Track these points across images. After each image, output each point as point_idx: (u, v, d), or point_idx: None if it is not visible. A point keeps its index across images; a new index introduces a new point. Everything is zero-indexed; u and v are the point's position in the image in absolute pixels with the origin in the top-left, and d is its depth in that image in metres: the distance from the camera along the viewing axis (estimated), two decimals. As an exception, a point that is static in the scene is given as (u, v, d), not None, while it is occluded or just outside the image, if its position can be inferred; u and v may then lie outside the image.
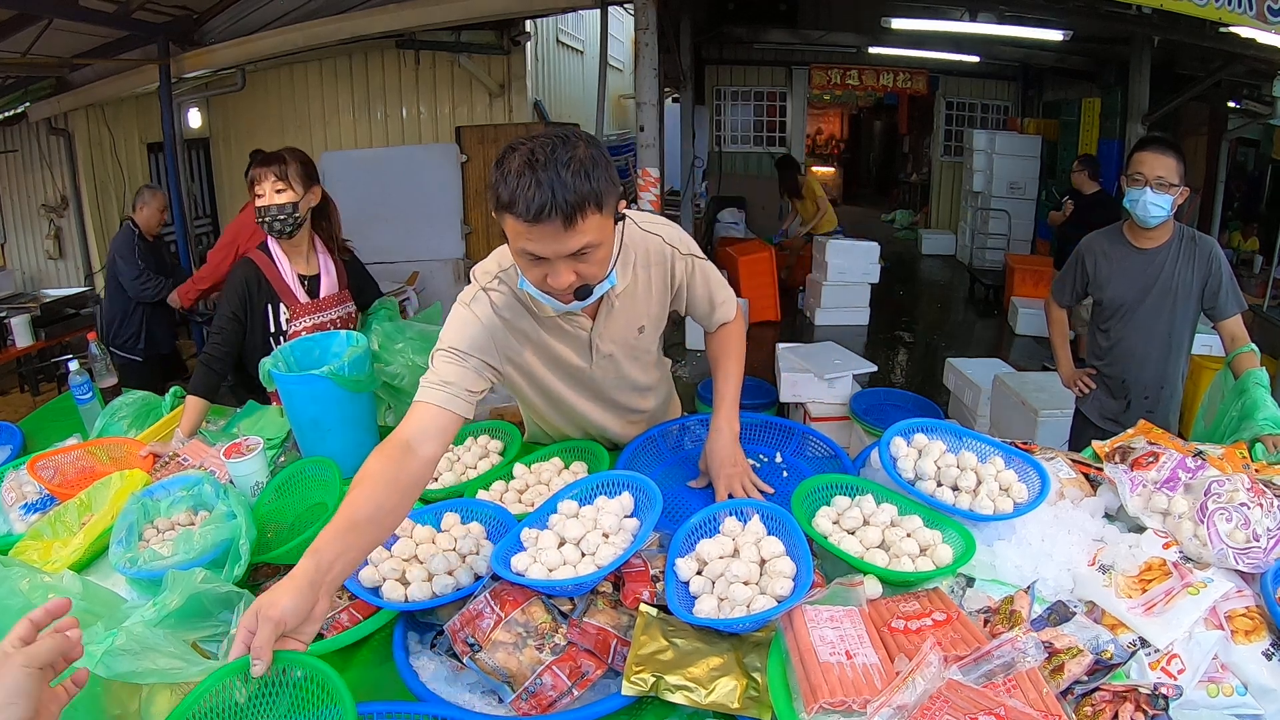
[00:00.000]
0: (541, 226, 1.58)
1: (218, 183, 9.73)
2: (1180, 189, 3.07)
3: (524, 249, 1.65)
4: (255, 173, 2.85)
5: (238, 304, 2.88)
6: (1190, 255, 3.20)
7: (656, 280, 2.08)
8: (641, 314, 2.10)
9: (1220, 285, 3.19)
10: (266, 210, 2.83)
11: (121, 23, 6.46)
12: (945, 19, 8.15)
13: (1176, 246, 3.22)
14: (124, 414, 2.68)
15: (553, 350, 2.06)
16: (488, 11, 6.82)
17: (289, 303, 2.93)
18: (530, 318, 1.99)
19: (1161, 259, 3.23)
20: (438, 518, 1.92)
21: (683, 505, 2.08)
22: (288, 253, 2.97)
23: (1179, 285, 3.22)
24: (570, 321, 2.01)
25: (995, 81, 13.07)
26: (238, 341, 2.89)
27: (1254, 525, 1.67)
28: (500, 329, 1.95)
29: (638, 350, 2.19)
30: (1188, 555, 1.67)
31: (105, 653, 1.28)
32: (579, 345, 2.07)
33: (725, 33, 11.61)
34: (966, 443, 2.07)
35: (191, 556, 1.75)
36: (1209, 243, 3.23)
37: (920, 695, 1.27)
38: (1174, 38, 6.87)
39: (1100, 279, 3.40)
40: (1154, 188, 3.05)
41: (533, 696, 1.42)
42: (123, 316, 5.63)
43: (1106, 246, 3.37)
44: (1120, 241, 3.34)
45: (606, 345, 2.09)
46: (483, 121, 8.38)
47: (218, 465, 2.34)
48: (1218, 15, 4.93)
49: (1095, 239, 3.44)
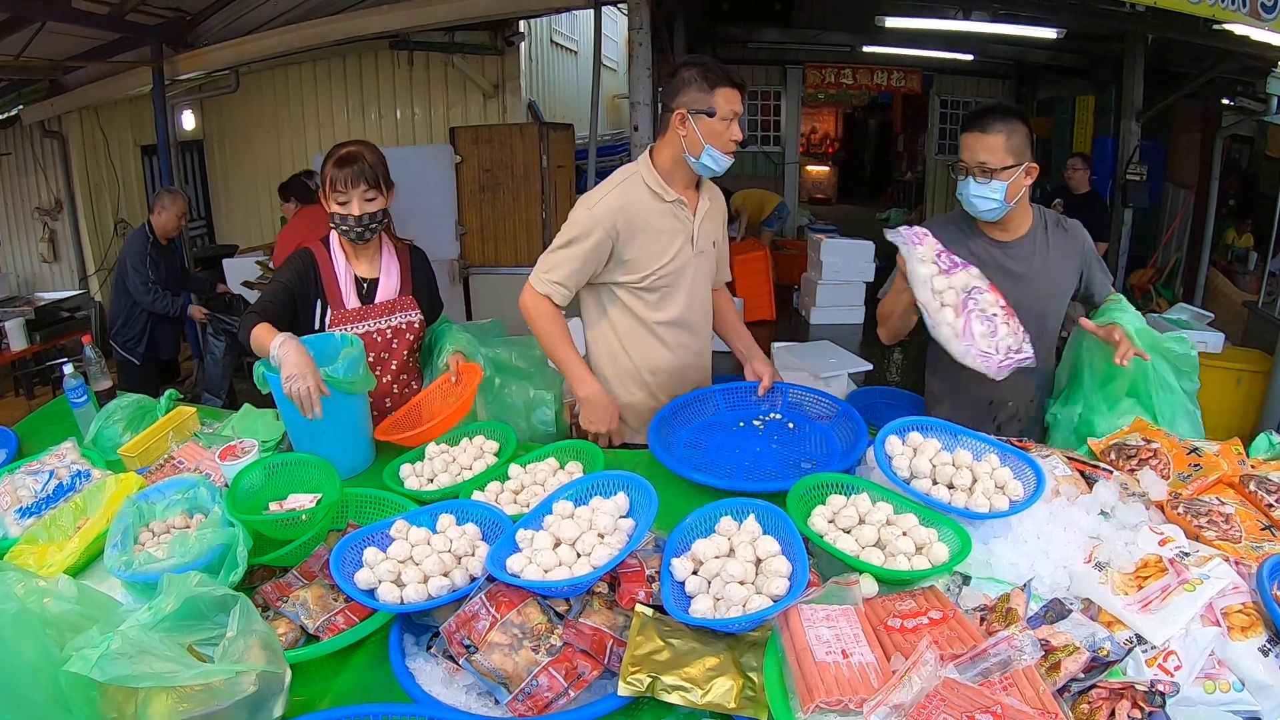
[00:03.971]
0: (739, 90, 2.50)
1: (212, 185, 9.71)
2: (1017, 169, 2.50)
3: (734, 109, 2.48)
4: (339, 175, 2.58)
5: (293, 279, 2.66)
6: (1061, 244, 2.68)
7: (720, 209, 2.84)
8: (715, 230, 2.81)
9: (1094, 268, 2.74)
10: (357, 220, 2.60)
11: (115, 25, 6.46)
12: (939, 17, 8.14)
13: (1043, 236, 2.68)
14: (119, 417, 2.67)
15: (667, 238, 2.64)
16: (481, 12, 6.82)
17: (334, 305, 2.70)
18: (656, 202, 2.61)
19: (1027, 252, 2.66)
20: (433, 519, 1.91)
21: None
22: (350, 251, 2.74)
23: (1052, 280, 2.68)
24: (681, 211, 2.64)
25: (989, 80, 13.06)
26: (289, 305, 2.64)
27: (999, 339, 2.19)
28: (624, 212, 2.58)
29: (710, 266, 2.83)
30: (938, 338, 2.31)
31: (101, 656, 1.27)
32: (685, 233, 2.67)
33: (719, 32, 11.58)
34: (962, 440, 2.08)
35: (187, 560, 1.75)
36: (1074, 225, 2.74)
37: (917, 694, 1.27)
38: (1168, 35, 6.87)
39: None
40: (976, 176, 2.51)
41: (529, 698, 1.42)
42: (127, 315, 5.62)
43: (957, 239, 2.66)
44: (974, 233, 2.69)
45: (701, 240, 2.71)
46: (477, 122, 8.36)
47: (213, 468, 2.34)
48: (1211, 12, 4.93)
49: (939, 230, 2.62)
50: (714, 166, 2.56)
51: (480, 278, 8.28)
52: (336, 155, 2.61)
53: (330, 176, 2.59)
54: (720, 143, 2.50)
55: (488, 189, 8.04)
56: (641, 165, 2.64)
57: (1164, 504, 1.96)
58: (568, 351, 2.67)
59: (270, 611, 1.75)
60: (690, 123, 2.49)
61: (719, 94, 2.45)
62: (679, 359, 2.79)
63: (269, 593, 1.79)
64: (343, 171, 2.57)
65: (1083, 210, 7.09)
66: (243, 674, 1.36)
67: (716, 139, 2.49)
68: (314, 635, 1.67)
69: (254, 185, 9.33)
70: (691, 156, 2.54)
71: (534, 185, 7.84)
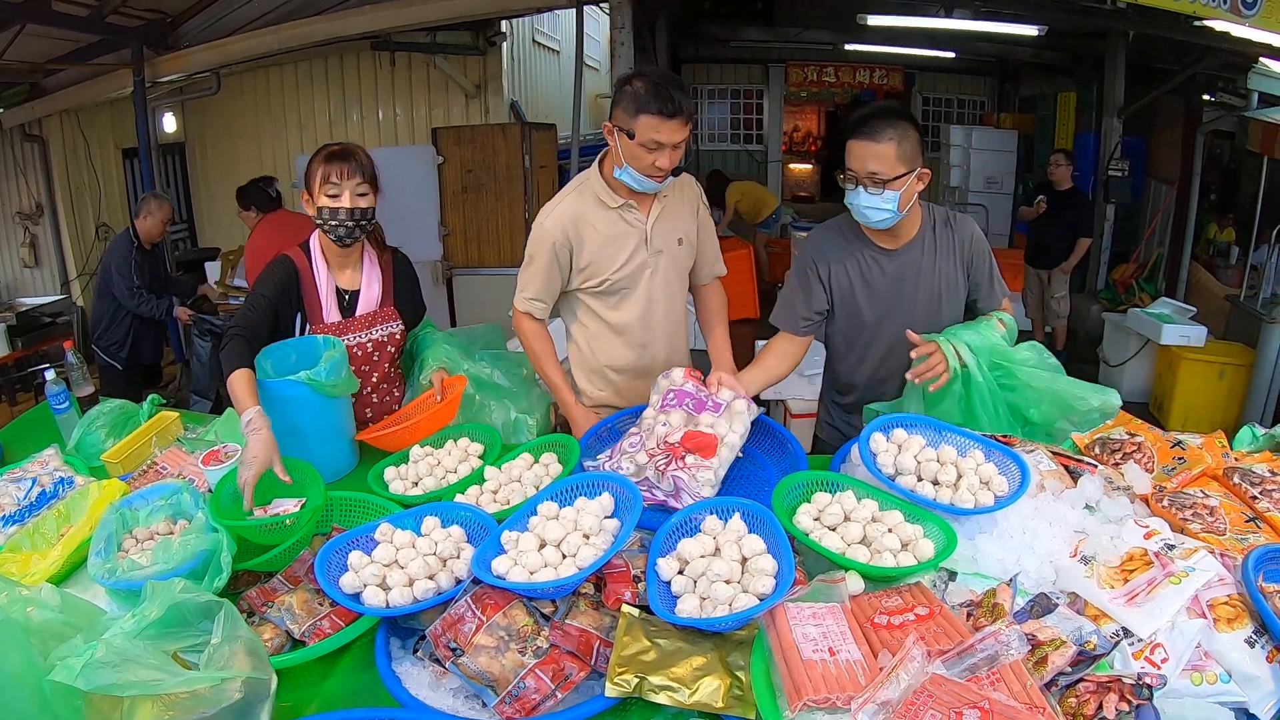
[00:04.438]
0: (673, 122, 2.35)
1: (194, 188, 9.64)
2: (909, 176, 2.36)
3: (653, 138, 2.37)
4: (330, 169, 2.49)
5: (274, 291, 2.55)
6: (948, 245, 2.55)
7: (688, 205, 2.76)
8: (679, 227, 2.72)
9: (985, 274, 2.61)
10: (349, 214, 2.50)
11: (95, 27, 6.42)
12: (921, 15, 8.16)
13: (930, 238, 2.56)
14: (101, 423, 2.65)
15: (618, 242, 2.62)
16: (463, 12, 6.80)
17: (313, 319, 2.61)
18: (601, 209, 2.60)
19: (915, 257, 2.55)
20: (418, 522, 1.90)
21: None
22: (333, 260, 2.65)
23: (942, 284, 2.57)
24: (630, 214, 2.61)
25: (971, 77, 13.13)
26: (270, 320, 2.53)
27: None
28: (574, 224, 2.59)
29: (679, 264, 2.76)
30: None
31: (85, 665, 1.27)
32: (638, 235, 2.63)
33: (701, 31, 11.59)
34: (946, 437, 2.08)
35: (171, 566, 1.73)
36: (965, 223, 2.59)
37: (904, 690, 1.27)
38: (1149, 32, 6.90)
39: (842, 293, 2.62)
40: (868, 186, 2.36)
41: (516, 700, 1.41)
42: (110, 320, 5.59)
43: (843, 251, 2.60)
44: (860, 242, 2.59)
45: (657, 240, 2.65)
46: (459, 123, 8.33)
47: (196, 474, 2.32)
48: (1192, 9, 4.96)
49: (825, 242, 2.63)
50: (631, 184, 2.52)
51: (463, 279, 8.25)
52: (328, 150, 2.53)
53: (322, 170, 2.50)
54: (639, 165, 2.45)
55: (470, 190, 8.02)
56: (591, 172, 2.64)
57: (1149, 497, 1.97)
58: (553, 373, 2.74)
59: (255, 617, 1.74)
60: (616, 136, 2.46)
61: (640, 120, 2.36)
62: (640, 359, 2.78)
63: (254, 598, 1.78)
64: (336, 165, 2.49)
65: (1066, 206, 7.15)
66: (228, 681, 1.35)
67: (635, 161, 2.44)
68: (300, 640, 1.66)
69: (236, 189, 9.25)
70: (617, 167, 2.51)
71: (517, 185, 7.81)
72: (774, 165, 13.92)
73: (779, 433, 2.38)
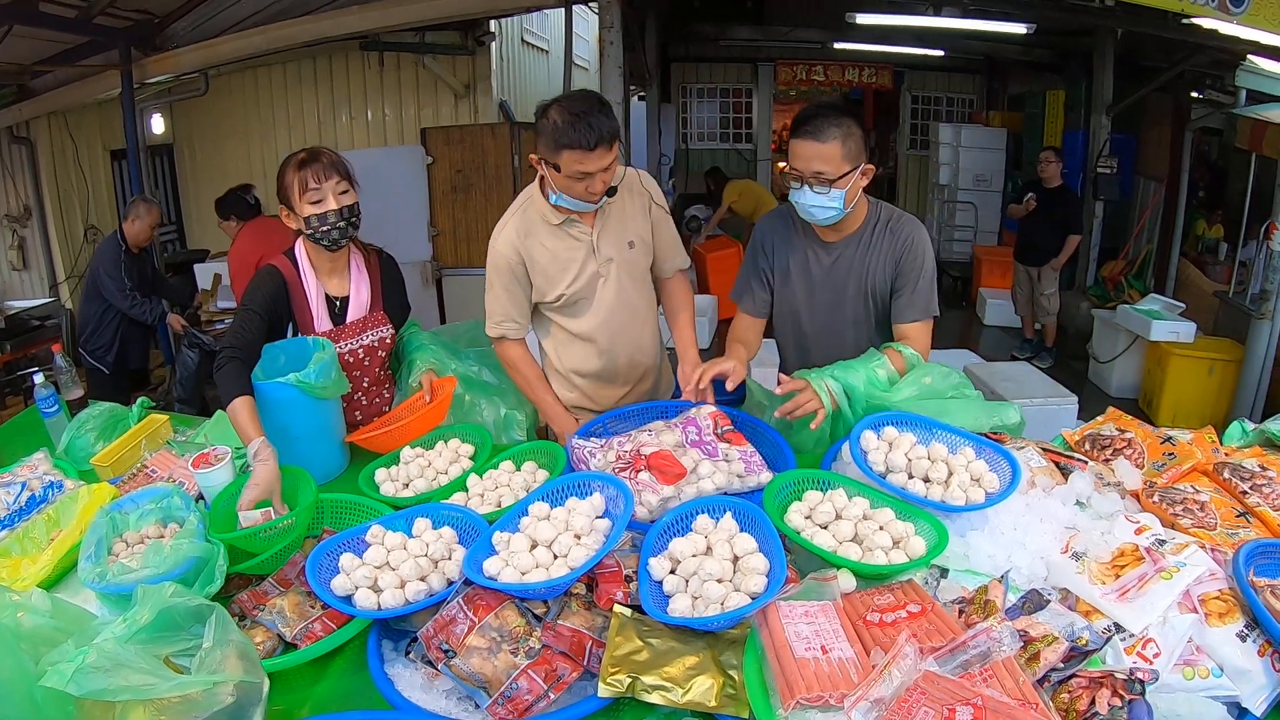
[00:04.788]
0: (595, 152, 2.30)
1: (182, 189, 9.61)
2: (854, 173, 2.38)
3: (579, 170, 2.33)
4: (306, 174, 2.42)
5: (265, 305, 2.49)
6: (882, 245, 2.56)
7: (638, 205, 2.68)
8: (630, 229, 2.66)
9: (909, 281, 2.55)
10: (338, 215, 2.45)
11: (83, 28, 6.38)
12: (910, 13, 8.20)
13: (869, 235, 2.58)
14: (91, 426, 2.63)
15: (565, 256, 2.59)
16: (452, 12, 6.78)
17: (304, 329, 2.57)
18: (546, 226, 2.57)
19: (851, 252, 2.59)
20: (409, 523, 1.90)
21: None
22: (321, 268, 2.60)
23: (871, 282, 2.59)
24: (574, 228, 2.57)
25: (960, 75, 13.15)
26: (264, 336, 2.47)
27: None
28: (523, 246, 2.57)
29: (633, 266, 2.69)
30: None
31: (76, 671, 1.26)
32: (585, 246, 2.59)
33: (691, 30, 11.60)
34: (937, 434, 2.08)
35: (161, 570, 1.73)
36: (908, 227, 2.57)
37: (897, 688, 1.27)
38: (1137, 29, 6.94)
39: (781, 278, 2.70)
40: (813, 185, 2.38)
41: (509, 701, 1.41)
42: (97, 324, 5.56)
43: (787, 238, 2.68)
44: (803, 232, 2.65)
45: (606, 249, 2.61)
46: (448, 123, 8.32)
47: (186, 477, 2.31)
48: (1180, 6, 4.98)
49: (772, 228, 2.72)
50: (570, 209, 2.51)
51: (453, 279, 8.24)
52: (297, 159, 2.47)
53: (297, 178, 2.44)
54: (572, 194, 2.43)
55: (460, 190, 8.01)
56: (533, 189, 2.61)
57: (1139, 493, 1.98)
58: (540, 392, 2.75)
59: (247, 620, 1.73)
60: (543, 168, 2.43)
61: (563, 155, 2.32)
62: (604, 364, 2.77)
63: (245, 601, 1.78)
64: (310, 169, 2.43)
65: (1055, 203, 7.17)
66: (220, 685, 1.35)
67: (567, 190, 2.43)
68: (291, 643, 1.66)
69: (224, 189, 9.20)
70: (553, 193, 2.49)
71: (506, 185, 7.81)
72: (763, 164, 13.91)
73: (767, 433, 2.38)
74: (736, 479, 2.04)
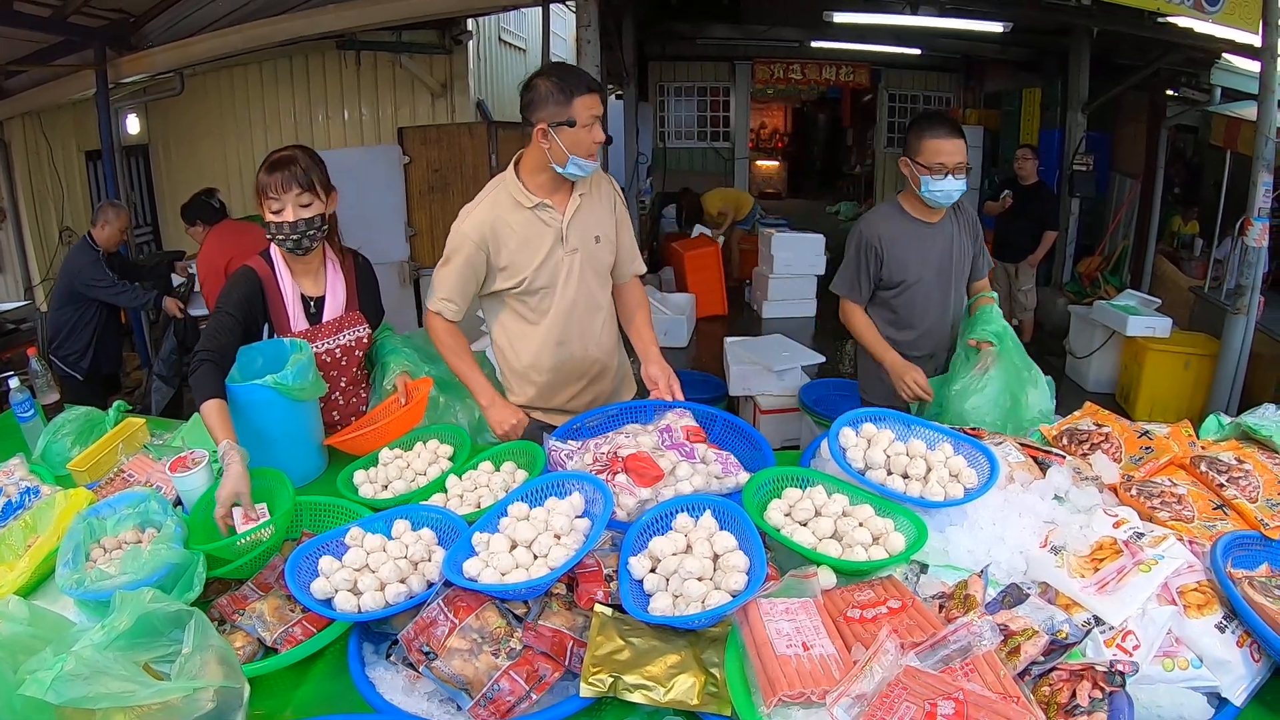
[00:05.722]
0: (597, 95, 2.50)
1: (158, 190, 9.50)
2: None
3: (591, 114, 2.47)
4: (269, 180, 2.43)
5: (240, 307, 2.48)
6: (964, 225, 3.23)
7: (606, 200, 2.79)
8: (597, 224, 2.74)
9: (982, 250, 3.32)
10: (293, 227, 2.44)
11: (57, 27, 6.32)
12: (887, 12, 8.21)
13: (953, 216, 3.21)
14: (67, 430, 2.61)
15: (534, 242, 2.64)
16: (429, 11, 6.73)
17: (280, 330, 2.56)
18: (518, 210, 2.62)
19: (947, 231, 3.18)
20: (388, 525, 1.89)
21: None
22: (295, 268, 2.59)
23: (959, 254, 3.21)
24: (545, 213, 2.63)
25: (937, 74, 13.19)
26: (239, 339, 2.45)
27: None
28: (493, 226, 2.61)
29: (596, 261, 2.75)
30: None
31: (55, 678, 1.26)
32: (554, 233, 2.64)
33: (668, 29, 11.56)
34: (915, 430, 2.09)
35: (140, 576, 1.71)
36: (971, 210, 3.31)
37: (879, 683, 1.27)
38: (1113, 28, 6.99)
39: (894, 262, 3.19)
40: (955, 174, 2.95)
41: (491, 703, 1.41)
42: (70, 330, 5.47)
43: (893, 229, 3.19)
44: (904, 219, 3.19)
45: (573, 238, 2.67)
46: (425, 122, 8.28)
47: (163, 480, 2.29)
48: (1155, 5, 5.02)
49: (875, 224, 3.24)
50: (580, 173, 2.58)
51: (430, 279, 8.17)
52: (269, 161, 2.47)
53: (261, 184, 2.45)
54: (583, 149, 2.52)
55: (437, 189, 7.98)
56: (507, 173, 2.68)
57: (1117, 487, 2.00)
58: (465, 364, 2.72)
59: (226, 625, 1.72)
60: (553, 135, 2.49)
61: (576, 103, 2.46)
62: (559, 358, 2.77)
63: (224, 606, 1.76)
64: (273, 177, 2.43)
65: (1031, 200, 7.21)
66: (200, 690, 1.34)
67: (579, 147, 2.51)
68: (272, 648, 1.65)
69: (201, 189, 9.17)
70: (558, 166, 2.55)
71: (483, 185, 7.73)
72: (741, 162, 13.93)
73: (745, 430, 2.38)
74: (715, 480, 2.04)
